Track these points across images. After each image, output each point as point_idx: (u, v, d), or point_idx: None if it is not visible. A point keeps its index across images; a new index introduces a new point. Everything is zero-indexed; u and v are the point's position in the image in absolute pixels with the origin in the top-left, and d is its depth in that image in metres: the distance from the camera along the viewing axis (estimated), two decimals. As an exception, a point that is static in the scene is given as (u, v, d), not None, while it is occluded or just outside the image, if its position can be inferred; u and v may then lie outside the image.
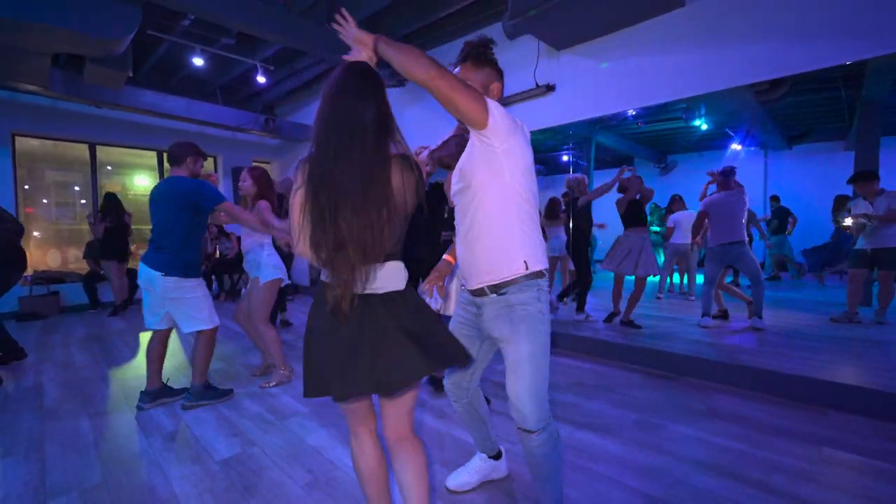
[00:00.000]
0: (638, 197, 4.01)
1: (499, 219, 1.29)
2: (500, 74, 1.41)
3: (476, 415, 1.66)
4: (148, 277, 2.41)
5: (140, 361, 3.54)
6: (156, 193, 2.50)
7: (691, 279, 5.95)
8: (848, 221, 4.14)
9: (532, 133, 5.46)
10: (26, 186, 6.22)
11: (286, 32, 4.02)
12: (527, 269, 1.28)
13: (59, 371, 3.29)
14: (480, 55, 1.36)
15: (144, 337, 4.38)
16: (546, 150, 10.67)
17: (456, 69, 1.37)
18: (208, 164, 7.45)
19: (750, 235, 5.33)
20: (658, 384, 2.86)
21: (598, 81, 3.62)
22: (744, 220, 3.91)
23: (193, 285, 2.47)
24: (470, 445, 2.03)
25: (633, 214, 4.01)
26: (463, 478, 1.70)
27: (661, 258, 6.20)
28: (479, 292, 1.37)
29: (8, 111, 5.33)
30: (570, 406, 2.50)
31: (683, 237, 5.50)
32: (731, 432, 2.16)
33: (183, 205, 2.41)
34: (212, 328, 2.54)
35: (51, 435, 2.23)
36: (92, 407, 2.60)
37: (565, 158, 11.11)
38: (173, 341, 4.17)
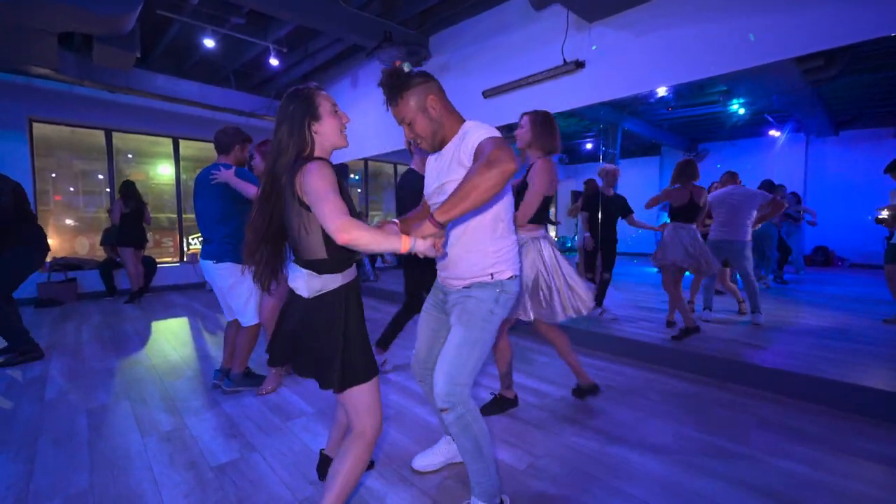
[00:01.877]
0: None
1: (474, 233, 1.40)
2: (426, 81, 1.36)
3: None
4: (206, 270, 2.48)
5: (149, 352, 3.45)
6: (198, 181, 2.48)
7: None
8: (884, 213, 3.81)
9: (558, 116, 5.12)
10: (53, 175, 6.28)
11: (298, 9, 3.81)
12: (492, 279, 1.40)
13: (67, 360, 3.21)
14: (395, 89, 1.33)
15: (157, 326, 4.32)
16: (568, 136, 10.25)
17: (395, 117, 1.39)
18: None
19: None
20: (696, 390, 2.58)
21: (633, 56, 3.29)
22: (749, 218, 3.72)
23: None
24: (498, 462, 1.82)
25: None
26: (427, 459, 1.77)
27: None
28: (448, 285, 1.51)
29: (24, 96, 5.29)
30: (599, 413, 2.26)
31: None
32: (791, 451, 1.89)
33: (222, 192, 2.39)
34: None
35: (46, 430, 2.12)
36: (93, 400, 2.49)
37: (589, 146, 10.68)
38: (198, 329, 4.09)
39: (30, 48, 3.80)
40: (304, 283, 1.22)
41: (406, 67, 1.35)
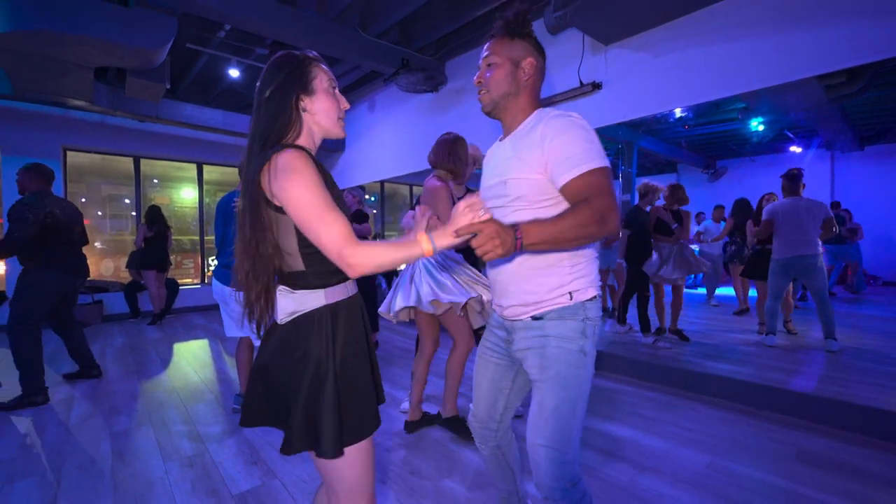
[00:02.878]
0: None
1: None
2: (538, 50, 1.18)
3: (503, 462, 1.36)
4: (217, 292, 2.53)
5: (170, 374, 3.48)
6: (219, 207, 2.58)
7: (713, 287, 6.11)
8: None
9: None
10: (83, 199, 6.55)
11: (319, 39, 3.95)
12: (571, 300, 1.09)
13: (91, 383, 3.26)
14: (511, 28, 1.14)
15: (178, 348, 4.36)
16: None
17: (485, 51, 1.17)
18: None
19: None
20: (730, 419, 2.47)
21: (650, 77, 3.29)
22: (816, 231, 3.48)
23: None
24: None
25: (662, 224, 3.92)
26: None
27: None
28: (509, 315, 1.18)
29: (59, 126, 5.56)
30: (629, 443, 2.17)
31: (710, 245, 5.79)
32: (834, 485, 1.77)
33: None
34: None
35: (70, 456, 2.13)
36: (116, 425, 2.51)
37: (604, 165, 10.66)
38: (205, 351, 4.13)
39: (67, 82, 4.01)
40: (280, 303, 0.96)
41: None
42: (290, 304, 0.95)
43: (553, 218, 0.93)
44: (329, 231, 0.84)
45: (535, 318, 1.11)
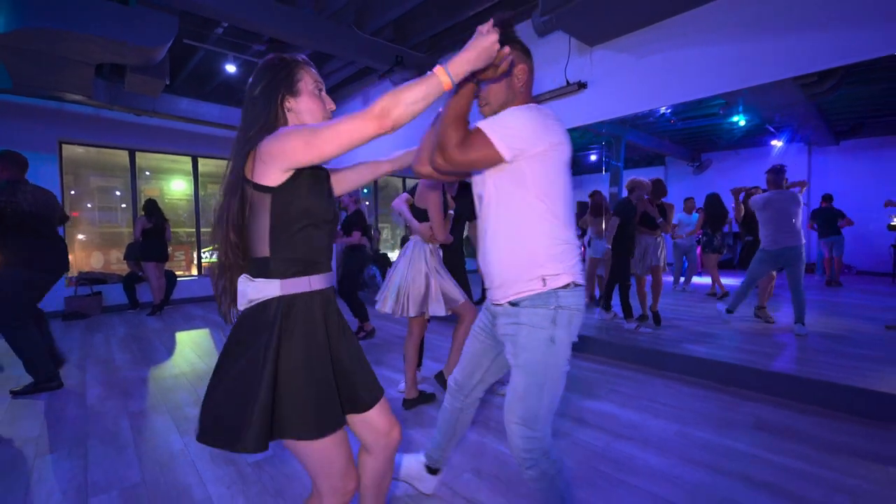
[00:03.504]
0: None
1: (516, 229, 1.18)
2: (525, 53, 1.25)
3: (454, 423, 1.54)
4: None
5: (175, 361, 3.63)
6: None
7: (690, 275, 6.53)
8: None
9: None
10: (73, 192, 6.59)
11: (316, 37, 4.07)
12: (544, 286, 1.16)
13: (101, 369, 3.41)
14: (499, 38, 1.15)
15: (180, 337, 4.51)
16: (573, 150, 10.47)
17: None
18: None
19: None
20: (699, 394, 2.71)
21: (632, 77, 3.49)
22: (797, 220, 3.73)
23: None
24: (507, 456, 1.97)
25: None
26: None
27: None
28: (493, 299, 1.29)
29: (55, 120, 5.60)
30: (607, 416, 2.40)
31: (683, 238, 6.22)
32: (785, 448, 2.01)
33: None
34: None
35: (93, 433, 2.29)
36: (132, 405, 2.67)
37: (593, 158, 10.88)
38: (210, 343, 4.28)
39: (67, 77, 4.09)
40: (240, 291, 0.97)
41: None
42: (249, 291, 0.95)
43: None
44: (339, 126, 0.86)
45: (512, 303, 1.20)
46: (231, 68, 5.13)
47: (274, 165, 0.90)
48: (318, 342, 0.97)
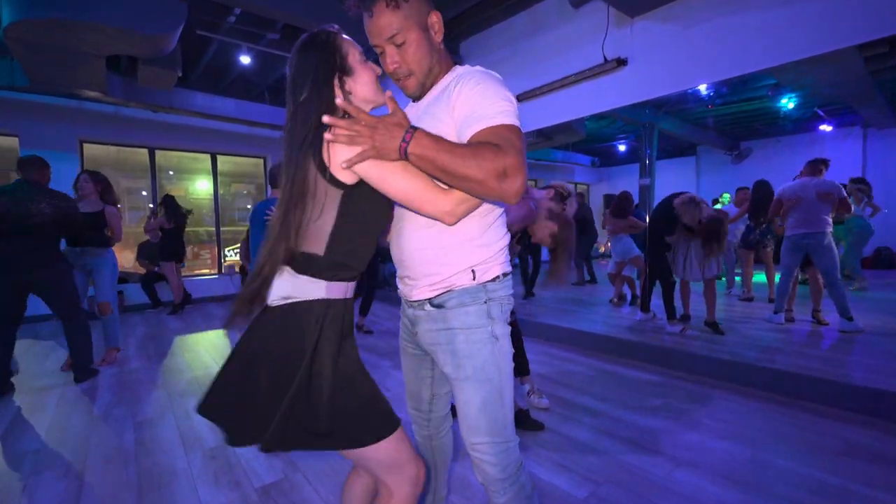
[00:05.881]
0: None
1: None
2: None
3: (430, 454, 1.25)
4: None
5: (190, 363, 3.49)
6: (253, 214, 2.57)
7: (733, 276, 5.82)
8: None
9: (592, 119, 4.97)
10: (102, 192, 6.63)
11: (331, 21, 3.81)
12: (473, 279, 0.96)
13: (114, 372, 3.28)
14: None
15: (197, 338, 4.39)
16: (601, 139, 9.98)
17: (379, 29, 0.92)
18: (257, 166, 7.56)
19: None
20: (766, 410, 2.35)
21: (678, 51, 3.12)
22: (828, 211, 3.45)
23: None
24: (553, 489, 1.69)
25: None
26: None
27: None
28: (410, 301, 1.04)
29: (76, 118, 5.58)
30: (663, 435, 2.08)
31: (730, 233, 5.34)
32: (888, 482, 1.66)
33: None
34: None
35: (95, 447, 2.13)
36: (139, 414, 2.51)
37: (622, 148, 10.36)
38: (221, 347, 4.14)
39: (80, 72, 3.99)
40: (276, 283, 0.89)
41: None
42: (287, 286, 0.88)
43: (453, 143, 0.79)
44: (424, 182, 0.84)
45: (434, 304, 0.98)
46: (245, 60, 4.96)
47: (362, 168, 0.82)
48: (354, 345, 0.96)
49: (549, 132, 6.69)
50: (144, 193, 7.10)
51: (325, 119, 0.78)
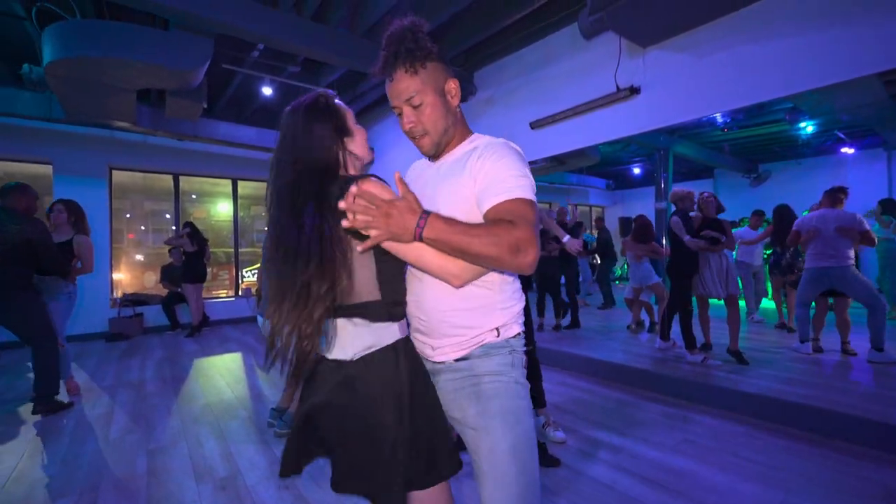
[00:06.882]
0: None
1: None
2: (447, 65, 1.03)
3: None
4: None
5: (205, 389, 3.50)
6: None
7: (757, 300, 5.65)
8: None
9: (606, 144, 4.94)
10: (128, 215, 6.95)
11: (349, 55, 3.98)
12: (498, 336, 0.97)
13: (130, 396, 3.32)
14: (416, 56, 0.95)
15: (213, 361, 4.42)
16: (614, 162, 9.98)
17: (398, 92, 0.97)
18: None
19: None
20: (796, 449, 2.23)
21: (690, 80, 3.13)
22: (850, 244, 3.39)
23: None
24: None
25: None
26: None
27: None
28: (438, 357, 1.00)
29: (106, 147, 5.85)
30: (686, 476, 1.99)
31: (749, 255, 5.34)
32: (938, 536, 1.54)
33: None
34: None
35: (108, 474, 2.13)
36: (153, 441, 2.51)
37: (637, 171, 10.33)
38: (239, 368, 4.16)
39: (112, 104, 4.20)
40: (348, 337, 0.89)
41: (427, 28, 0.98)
42: (368, 337, 0.90)
43: (466, 224, 0.83)
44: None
45: (459, 359, 0.97)
46: (268, 91, 5.16)
47: None
48: (428, 380, 0.99)
49: (563, 157, 6.72)
50: (168, 216, 7.33)
51: (342, 205, 0.82)
